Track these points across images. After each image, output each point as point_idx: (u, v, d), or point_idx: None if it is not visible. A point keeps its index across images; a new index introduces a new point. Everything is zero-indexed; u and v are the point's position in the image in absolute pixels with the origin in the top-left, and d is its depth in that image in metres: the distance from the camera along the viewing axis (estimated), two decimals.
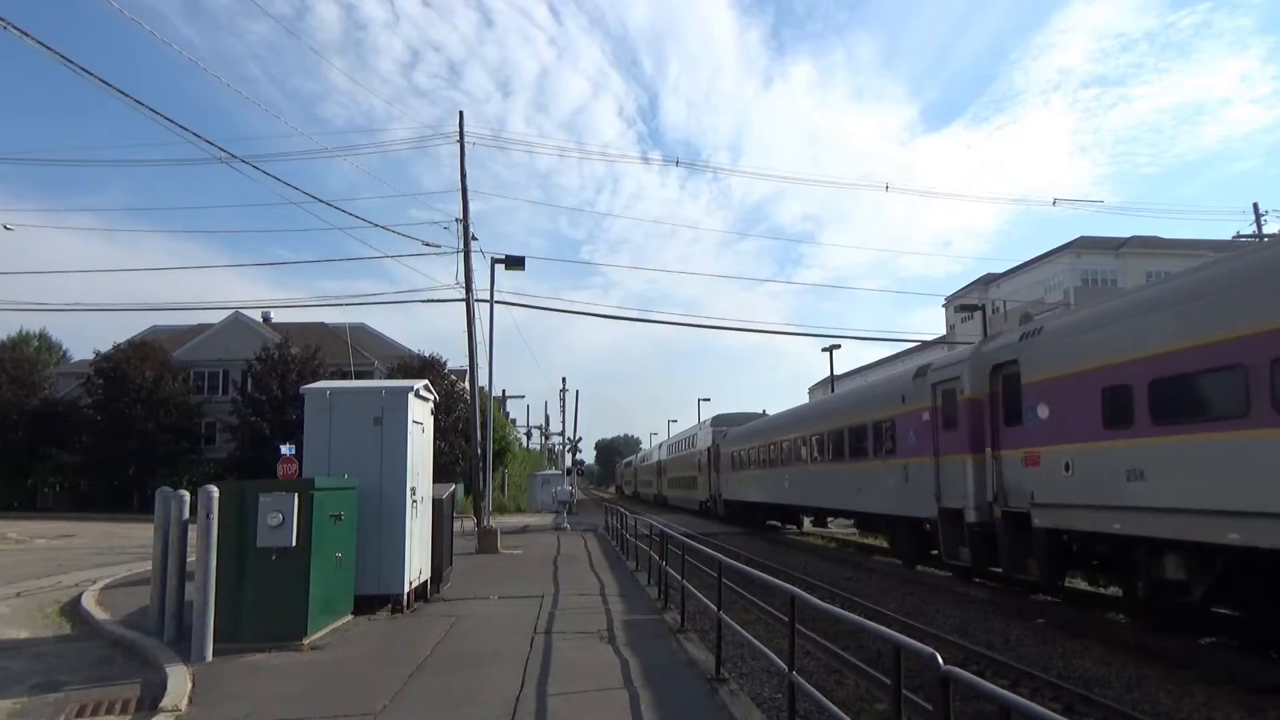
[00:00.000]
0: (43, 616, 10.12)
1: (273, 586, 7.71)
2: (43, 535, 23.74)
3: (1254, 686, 7.51)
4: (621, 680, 6.51)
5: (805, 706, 6.96)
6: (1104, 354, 10.00)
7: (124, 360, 38.18)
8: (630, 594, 11.59)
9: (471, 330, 21.84)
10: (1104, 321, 10.38)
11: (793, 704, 5.36)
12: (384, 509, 9.53)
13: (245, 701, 5.96)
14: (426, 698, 6.07)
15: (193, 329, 45.97)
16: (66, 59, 10.13)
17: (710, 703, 5.88)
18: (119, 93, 11.51)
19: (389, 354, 44.82)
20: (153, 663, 7.24)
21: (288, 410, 35.13)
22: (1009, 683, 7.82)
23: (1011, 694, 2.70)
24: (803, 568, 17.36)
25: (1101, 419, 9.94)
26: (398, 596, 9.62)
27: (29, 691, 6.54)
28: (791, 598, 5.43)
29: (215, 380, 43.32)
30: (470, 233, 21.75)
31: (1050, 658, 8.90)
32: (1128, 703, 7.10)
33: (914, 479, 15.29)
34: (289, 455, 10.18)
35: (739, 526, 29.65)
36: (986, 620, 11.14)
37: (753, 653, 8.60)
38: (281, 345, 39.08)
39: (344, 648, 7.80)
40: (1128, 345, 9.61)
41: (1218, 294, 8.48)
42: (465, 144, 22.11)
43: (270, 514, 7.68)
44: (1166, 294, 9.44)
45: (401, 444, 9.69)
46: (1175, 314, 9.03)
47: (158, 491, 8.92)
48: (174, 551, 8.38)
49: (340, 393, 9.94)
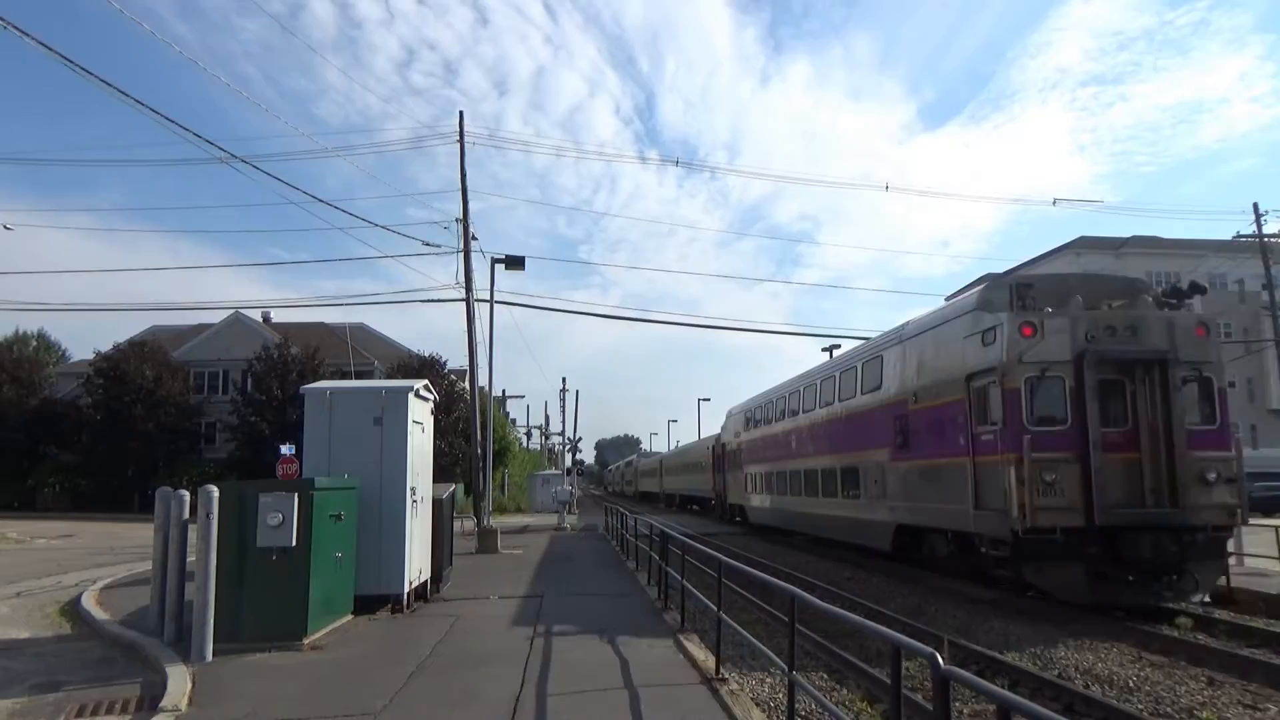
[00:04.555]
0: (43, 616, 10.13)
1: (273, 586, 7.71)
2: (43, 535, 23.75)
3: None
4: (621, 680, 6.51)
5: (805, 706, 6.98)
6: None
7: (124, 360, 38.16)
8: (630, 594, 11.60)
9: (471, 330, 21.86)
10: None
11: (793, 704, 5.37)
12: (384, 509, 9.54)
13: (245, 701, 5.96)
14: (427, 698, 6.07)
15: (193, 329, 45.98)
16: (68, 60, 10.13)
17: (710, 703, 5.88)
18: (121, 94, 11.51)
19: (389, 354, 44.82)
20: (153, 663, 7.25)
21: (288, 410, 35.10)
22: (1009, 683, 7.83)
23: (1011, 694, 2.70)
24: (803, 567, 17.37)
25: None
26: (398, 596, 9.62)
27: (29, 691, 6.55)
28: (791, 598, 5.43)
29: (215, 380, 43.30)
30: (470, 232, 21.77)
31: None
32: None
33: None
34: (289, 455, 10.21)
35: (740, 526, 29.73)
36: (988, 620, 11.14)
37: (753, 652, 8.61)
38: (281, 345, 39.06)
39: (344, 647, 7.81)
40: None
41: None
42: (464, 143, 22.13)
43: (270, 514, 7.68)
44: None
45: (401, 444, 9.69)
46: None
47: (158, 491, 8.92)
48: (174, 551, 8.38)
49: (340, 393, 9.94)
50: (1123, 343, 11.56)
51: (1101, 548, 11.02)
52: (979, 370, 12.31)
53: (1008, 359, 11.60)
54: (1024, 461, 10.93)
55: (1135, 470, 11.39)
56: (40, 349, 60.63)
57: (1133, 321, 11.76)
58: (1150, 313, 12.05)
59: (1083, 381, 11.25)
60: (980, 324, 12.41)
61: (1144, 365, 11.51)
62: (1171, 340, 11.53)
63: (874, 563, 17.35)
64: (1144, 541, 10.85)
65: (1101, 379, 11.40)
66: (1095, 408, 11.15)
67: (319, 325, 44.14)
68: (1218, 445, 11.57)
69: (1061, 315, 11.78)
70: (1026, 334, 11.60)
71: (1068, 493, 11.01)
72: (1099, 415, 11.21)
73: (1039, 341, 11.53)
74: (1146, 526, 10.97)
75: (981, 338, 12.30)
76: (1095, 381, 11.25)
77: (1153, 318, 11.85)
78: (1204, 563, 11.20)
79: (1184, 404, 11.38)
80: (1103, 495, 10.91)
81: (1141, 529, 10.95)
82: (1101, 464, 11.03)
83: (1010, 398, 11.51)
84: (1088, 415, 11.11)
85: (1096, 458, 11.00)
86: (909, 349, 15.17)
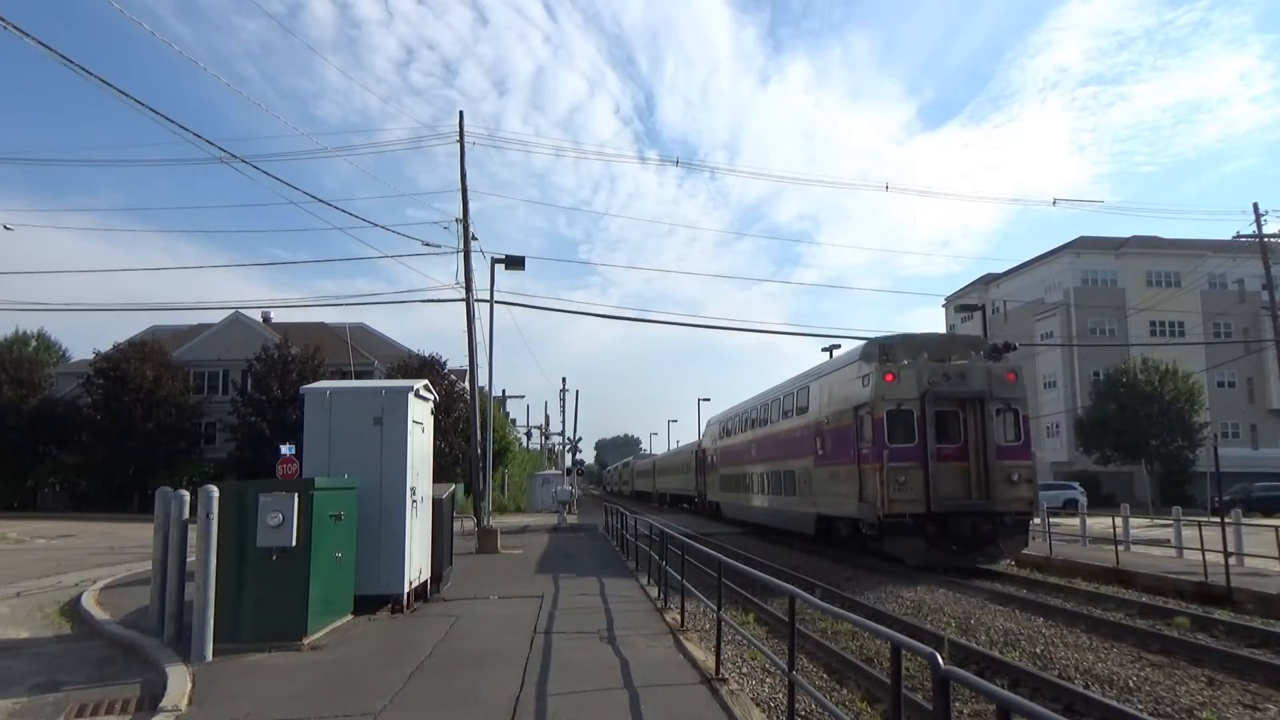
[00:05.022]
0: (43, 616, 10.13)
1: (272, 586, 7.71)
2: (43, 535, 23.75)
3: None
4: (621, 680, 6.50)
5: (805, 706, 6.98)
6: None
7: (124, 360, 38.14)
8: (630, 594, 11.59)
9: (471, 330, 21.85)
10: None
11: (792, 704, 5.36)
12: (384, 509, 9.53)
13: (245, 701, 5.96)
14: (427, 698, 6.07)
15: (192, 329, 45.98)
16: (68, 60, 10.12)
17: (710, 703, 5.88)
18: (121, 93, 11.49)
19: (389, 354, 44.82)
20: (153, 663, 7.24)
21: (288, 410, 35.10)
22: (1009, 682, 7.83)
23: (1011, 694, 2.70)
24: (803, 567, 17.37)
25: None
26: (398, 596, 9.62)
27: (29, 691, 6.55)
28: (791, 598, 5.43)
29: (215, 380, 43.29)
30: (470, 232, 21.76)
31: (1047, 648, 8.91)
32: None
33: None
34: (289, 455, 10.18)
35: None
36: (989, 620, 11.15)
37: (753, 652, 8.61)
38: (281, 345, 39.05)
39: (344, 647, 7.80)
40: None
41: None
42: (464, 143, 22.13)
43: (270, 514, 7.68)
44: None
45: (401, 444, 9.69)
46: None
47: (158, 491, 8.92)
48: (174, 551, 8.38)
49: (340, 393, 9.93)
50: (954, 385, 16.30)
51: (937, 527, 15.78)
52: (860, 403, 17.24)
53: (874, 397, 16.49)
54: (884, 468, 15.83)
55: (963, 474, 16.13)
56: (40, 349, 60.64)
57: (962, 370, 16.53)
58: (975, 364, 16.82)
59: (925, 413, 16.03)
60: (861, 371, 17.45)
61: (969, 401, 16.26)
62: (989, 383, 16.29)
63: (874, 562, 17.39)
64: (965, 523, 15.73)
65: (939, 410, 16.20)
66: (933, 431, 16.00)
67: (319, 325, 44.13)
68: (1021, 456, 16.37)
69: (912, 367, 16.53)
70: (888, 380, 16.38)
71: (914, 490, 15.73)
72: (936, 436, 16.02)
73: (896, 385, 16.32)
74: (967, 513, 15.78)
75: (861, 380, 17.33)
76: (933, 413, 16.10)
77: (976, 367, 16.60)
78: (1010, 538, 16.08)
79: (996, 428, 16.09)
80: (937, 491, 15.72)
81: (964, 514, 15.77)
82: (937, 470, 15.80)
83: (877, 424, 16.32)
84: (928, 437, 15.91)
85: (933, 466, 15.78)
86: (824, 383, 20.24)
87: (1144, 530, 23.39)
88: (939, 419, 16.17)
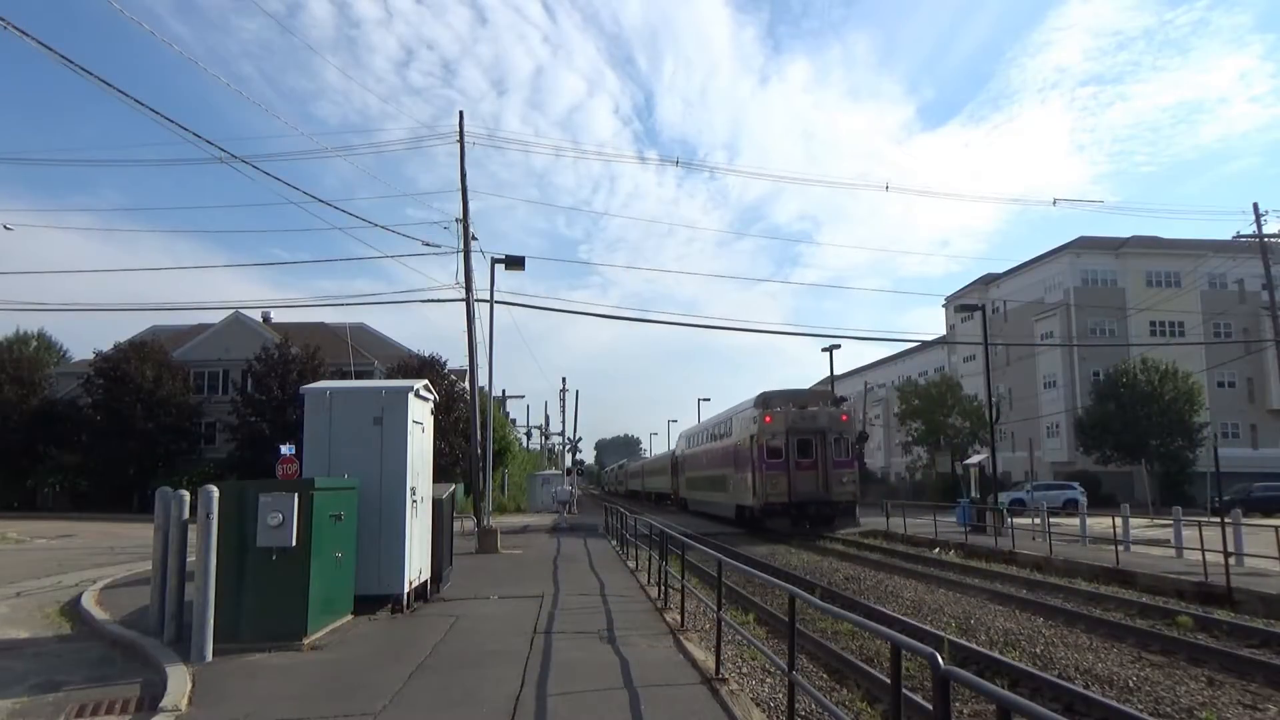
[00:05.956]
0: (43, 616, 10.12)
1: (273, 586, 7.71)
2: (42, 535, 23.75)
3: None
4: (621, 680, 6.50)
5: (805, 706, 6.99)
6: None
7: (124, 360, 38.13)
8: (630, 594, 11.59)
9: (471, 330, 21.84)
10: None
11: (792, 704, 5.37)
12: (384, 509, 9.53)
13: (245, 701, 5.96)
14: (427, 698, 6.07)
15: (192, 329, 45.97)
16: (68, 59, 10.11)
17: (710, 703, 5.88)
18: (120, 93, 11.47)
19: (389, 354, 44.83)
20: (153, 663, 7.24)
21: (288, 410, 35.07)
22: (1009, 682, 7.83)
23: (1011, 694, 2.70)
24: (803, 567, 17.39)
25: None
26: (398, 596, 9.61)
27: (29, 691, 6.55)
28: (791, 597, 5.43)
29: (215, 380, 43.30)
30: (470, 232, 21.75)
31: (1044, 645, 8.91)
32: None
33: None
34: (289, 455, 10.20)
35: (741, 527, 30.08)
36: (989, 620, 11.15)
37: (753, 652, 8.61)
38: (281, 345, 39.05)
39: (344, 648, 7.80)
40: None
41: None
42: (464, 144, 22.12)
43: (270, 514, 7.67)
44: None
45: (401, 444, 9.68)
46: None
47: (158, 491, 8.92)
48: (174, 551, 8.38)
49: (340, 393, 9.93)
50: (808, 424, 27.37)
51: (797, 511, 26.78)
52: (753, 434, 27.94)
53: (759, 430, 27.54)
54: (763, 475, 27.07)
55: (814, 478, 26.98)
56: (40, 349, 60.55)
57: (813, 415, 27.72)
58: (823, 410, 28.15)
59: (789, 442, 27.15)
60: (754, 414, 28.41)
61: (817, 433, 27.30)
62: (830, 422, 27.59)
63: (873, 562, 17.39)
64: (813, 509, 26.81)
65: (800, 439, 27.18)
66: (795, 452, 27.08)
67: (319, 325, 44.13)
68: (848, 466, 27.59)
69: (783, 412, 27.57)
70: (768, 421, 27.44)
71: (782, 488, 26.75)
72: (798, 454, 27.04)
73: (773, 424, 27.32)
74: (814, 501, 26.82)
75: (754, 420, 28.25)
76: (795, 441, 27.18)
77: (823, 412, 27.95)
78: (843, 517, 27.51)
79: (833, 450, 27.22)
80: (796, 489, 26.80)
81: (812, 503, 26.76)
82: (795, 476, 26.81)
83: (760, 448, 27.38)
84: (791, 457, 26.98)
85: (794, 474, 26.85)
86: (737, 419, 31.65)
87: (1144, 530, 23.38)
88: (800, 444, 27.05)
